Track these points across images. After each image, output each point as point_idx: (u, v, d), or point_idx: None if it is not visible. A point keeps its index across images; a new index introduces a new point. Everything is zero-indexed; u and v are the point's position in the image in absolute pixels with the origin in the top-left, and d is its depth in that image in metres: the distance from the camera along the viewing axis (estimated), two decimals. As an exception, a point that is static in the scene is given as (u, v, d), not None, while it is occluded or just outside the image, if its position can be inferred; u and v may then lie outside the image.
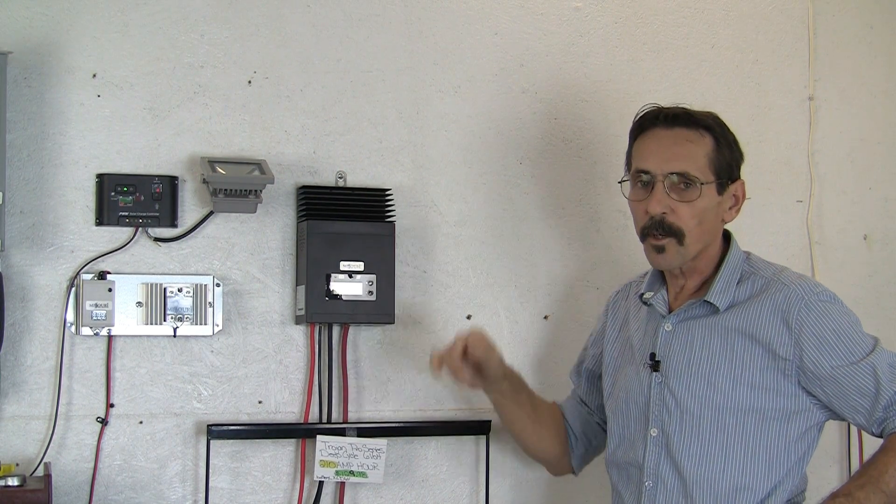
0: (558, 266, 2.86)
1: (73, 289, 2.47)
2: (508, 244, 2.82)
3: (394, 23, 2.76)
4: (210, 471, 2.53)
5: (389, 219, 2.65)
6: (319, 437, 2.55)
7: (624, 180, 2.31)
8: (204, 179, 2.49)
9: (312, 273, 2.55)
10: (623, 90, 2.92)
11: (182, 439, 2.55)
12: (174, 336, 2.52)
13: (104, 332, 2.47)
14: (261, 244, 2.62)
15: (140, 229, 2.53)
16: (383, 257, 2.60)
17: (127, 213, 2.51)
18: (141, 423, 2.52)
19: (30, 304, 2.46)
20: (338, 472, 2.55)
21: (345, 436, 2.57)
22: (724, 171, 2.24)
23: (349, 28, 2.72)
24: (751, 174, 3.03)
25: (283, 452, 2.62)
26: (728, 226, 2.34)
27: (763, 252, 2.46)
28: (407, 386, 2.72)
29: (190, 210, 2.58)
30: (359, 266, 2.58)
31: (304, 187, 2.62)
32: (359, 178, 2.71)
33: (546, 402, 2.57)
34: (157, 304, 2.51)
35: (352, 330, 2.66)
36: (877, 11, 3.19)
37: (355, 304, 2.57)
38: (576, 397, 2.58)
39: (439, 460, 2.74)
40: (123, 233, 2.52)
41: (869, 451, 2.81)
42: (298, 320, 2.61)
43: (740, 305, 2.21)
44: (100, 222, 2.51)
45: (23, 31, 2.48)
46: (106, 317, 2.46)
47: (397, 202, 2.70)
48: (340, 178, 2.69)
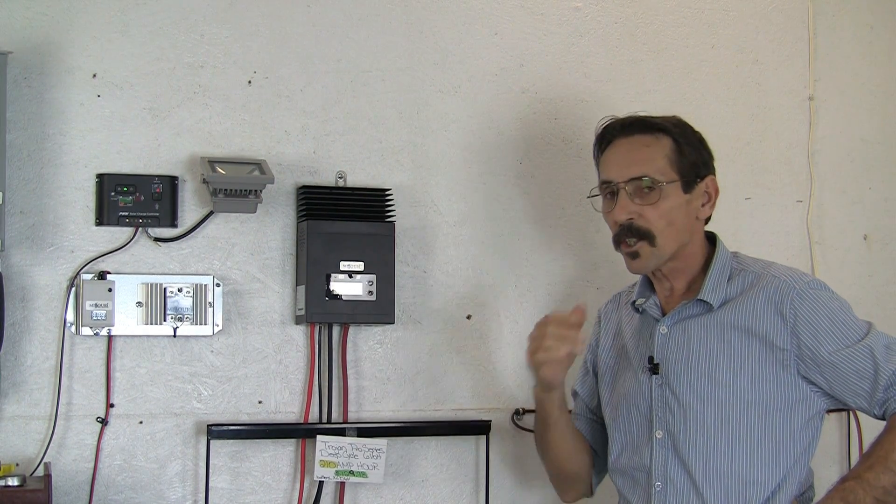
0: (558, 266, 2.86)
1: (73, 289, 2.47)
2: (508, 244, 2.82)
3: (394, 23, 2.76)
4: (210, 471, 2.53)
5: (389, 219, 2.65)
6: (319, 437, 2.55)
7: (594, 195, 2.36)
8: (204, 179, 2.49)
9: (312, 273, 2.55)
10: (623, 90, 2.92)
11: (182, 439, 2.55)
12: (174, 336, 2.52)
13: (104, 332, 2.47)
14: (261, 244, 2.62)
15: (140, 229, 2.53)
16: (383, 257, 2.60)
17: (127, 213, 2.51)
18: (141, 423, 2.52)
19: (30, 304, 2.46)
20: (338, 472, 2.55)
21: (345, 436, 2.57)
22: (689, 169, 2.25)
23: (349, 28, 2.72)
24: (751, 174, 3.06)
25: (283, 452, 2.61)
26: (729, 226, 2.34)
27: (763, 252, 2.46)
28: (407, 386, 2.72)
29: (190, 210, 2.58)
30: (359, 266, 2.58)
31: (304, 187, 2.62)
32: (359, 178, 2.71)
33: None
34: (157, 304, 2.51)
35: (352, 330, 2.66)
36: (877, 11, 3.19)
37: (355, 304, 2.57)
38: (583, 414, 2.50)
39: (439, 460, 2.74)
40: (123, 233, 2.52)
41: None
42: (298, 320, 2.61)
43: (733, 301, 2.21)
44: (100, 222, 2.51)
45: (23, 31, 2.48)
46: (106, 317, 2.46)
47: (397, 202, 2.70)
48: (340, 178, 2.69)
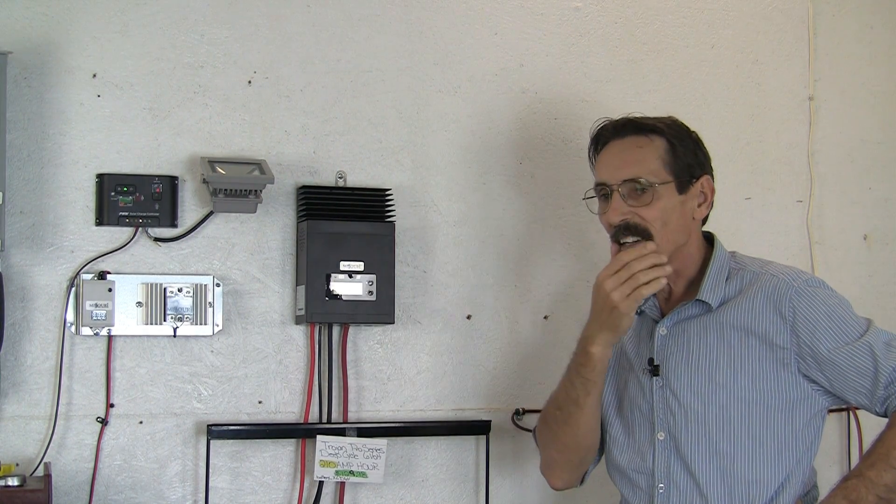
0: (558, 266, 2.86)
1: (73, 289, 2.47)
2: (508, 244, 2.82)
3: (394, 23, 2.76)
4: (210, 471, 2.53)
5: (389, 219, 2.65)
6: (319, 437, 2.55)
7: (588, 197, 2.32)
8: (204, 179, 2.49)
9: (312, 273, 2.55)
10: (623, 90, 2.92)
11: (182, 439, 2.55)
12: (174, 336, 2.52)
13: (104, 332, 2.47)
14: (261, 244, 2.62)
15: (140, 229, 2.53)
16: (383, 257, 2.60)
17: (127, 213, 2.51)
18: (141, 423, 2.52)
19: (30, 304, 2.46)
20: (338, 472, 2.55)
21: (345, 436, 2.57)
22: (684, 170, 2.22)
23: (349, 28, 2.72)
24: (751, 174, 3.06)
25: (283, 452, 2.61)
26: (729, 226, 2.34)
27: (763, 252, 2.46)
28: (407, 386, 2.72)
29: (190, 210, 2.58)
30: (359, 266, 2.58)
31: (304, 187, 2.62)
32: (359, 178, 2.71)
33: None
34: (157, 304, 2.51)
35: (352, 330, 2.66)
36: (877, 11, 3.19)
37: (355, 304, 2.57)
38: None
39: (439, 460, 2.74)
40: (123, 233, 2.52)
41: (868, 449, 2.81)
42: (298, 320, 2.61)
43: (732, 301, 2.20)
44: (100, 222, 2.51)
45: (23, 31, 2.48)
46: (106, 317, 2.46)
47: (397, 202, 2.70)
48: (340, 178, 2.69)
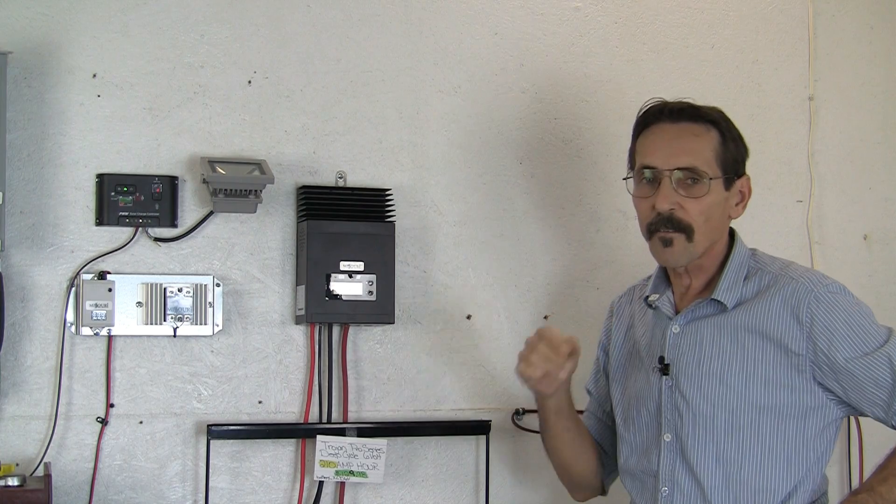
0: (558, 266, 2.86)
1: (73, 289, 2.47)
2: (508, 244, 2.82)
3: (394, 23, 2.76)
4: (210, 471, 2.53)
5: (389, 219, 2.65)
6: (319, 437, 2.55)
7: (628, 177, 2.23)
8: (204, 179, 2.49)
9: (312, 273, 2.55)
10: (623, 90, 2.92)
11: (182, 439, 2.55)
12: (174, 336, 2.52)
13: (104, 332, 2.47)
14: (261, 244, 2.62)
15: (140, 229, 2.53)
16: (383, 257, 2.60)
17: (127, 213, 2.51)
18: (141, 423, 2.52)
19: (30, 304, 2.46)
20: (338, 472, 2.55)
21: (345, 436, 2.57)
22: (731, 166, 2.17)
23: (349, 28, 2.72)
24: (751, 174, 3.05)
25: (283, 452, 2.61)
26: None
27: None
28: (407, 386, 2.72)
29: (190, 210, 2.58)
30: (359, 266, 2.58)
31: (304, 187, 2.62)
32: (359, 178, 2.71)
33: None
34: (157, 304, 2.51)
35: (352, 330, 2.66)
36: (877, 11, 3.19)
37: (355, 304, 2.57)
38: (594, 413, 2.44)
39: (439, 460, 2.74)
40: (123, 233, 2.52)
41: (868, 451, 2.82)
42: (298, 320, 2.61)
43: (748, 302, 2.14)
44: (100, 222, 2.51)
45: (23, 31, 2.48)
46: (106, 317, 2.46)
47: (397, 202, 2.70)
48: (340, 178, 2.69)
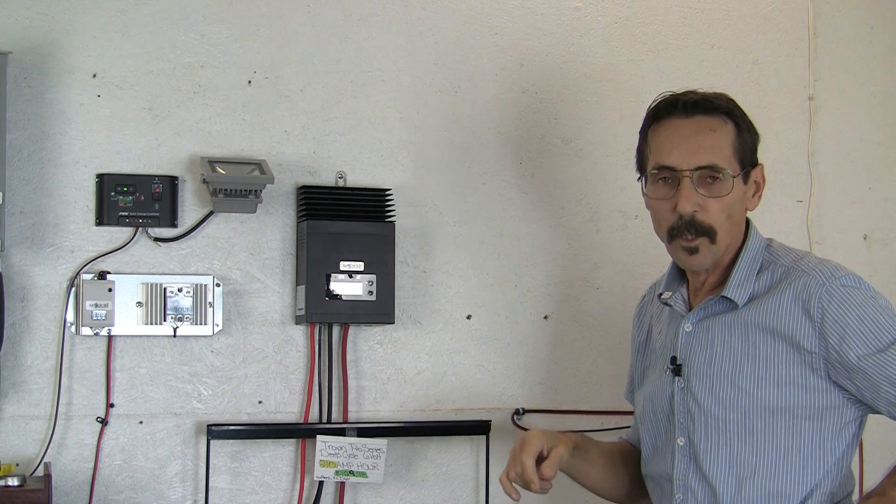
0: (558, 266, 2.86)
1: (73, 289, 2.47)
2: (508, 244, 2.82)
3: (394, 23, 2.76)
4: (210, 471, 2.53)
5: (389, 219, 2.65)
6: (319, 437, 2.55)
7: (644, 176, 2.09)
8: (204, 179, 2.49)
9: (312, 273, 2.55)
10: (623, 90, 2.92)
11: (182, 439, 2.55)
12: (174, 336, 2.52)
13: (104, 332, 2.47)
14: (261, 244, 2.62)
15: (140, 229, 2.53)
16: (383, 257, 2.60)
17: (127, 213, 2.51)
18: (141, 423, 2.52)
19: (30, 304, 2.46)
20: (338, 472, 2.55)
21: (345, 436, 2.57)
22: (747, 158, 2.05)
23: (349, 28, 2.72)
24: (751, 174, 3.06)
25: (283, 452, 2.61)
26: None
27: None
28: (407, 386, 2.72)
29: (190, 210, 2.58)
30: (359, 266, 2.58)
31: (304, 187, 2.62)
32: (359, 178, 2.71)
33: (615, 444, 2.33)
34: (157, 304, 2.51)
35: (352, 330, 2.66)
36: (877, 11, 3.19)
37: (355, 304, 2.57)
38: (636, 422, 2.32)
39: (439, 460, 2.74)
40: (123, 233, 2.52)
41: (868, 452, 2.81)
42: (298, 320, 2.61)
43: (760, 298, 2.02)
44: (100, 222, 2.51)
45: (23, 31, 2.48)
46: (106, 317, 2.46)
47: (397, 202, 2.70)
48: (340, 178, 2.69)
